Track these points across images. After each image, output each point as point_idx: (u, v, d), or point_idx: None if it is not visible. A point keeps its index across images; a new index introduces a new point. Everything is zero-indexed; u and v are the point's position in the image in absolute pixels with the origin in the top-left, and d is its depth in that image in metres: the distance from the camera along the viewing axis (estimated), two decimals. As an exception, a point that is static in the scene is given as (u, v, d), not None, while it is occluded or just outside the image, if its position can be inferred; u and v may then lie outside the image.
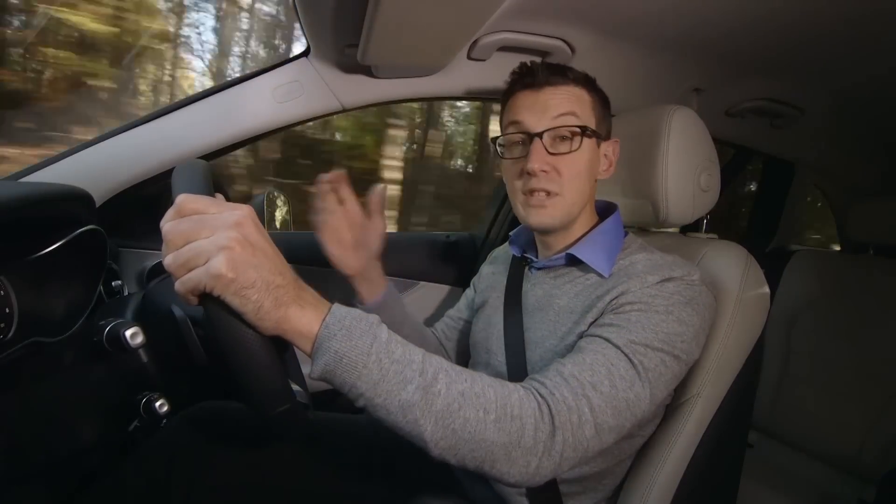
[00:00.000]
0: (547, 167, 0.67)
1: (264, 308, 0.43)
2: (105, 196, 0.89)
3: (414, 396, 0.46)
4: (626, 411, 0.55)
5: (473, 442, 0.48)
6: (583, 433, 0.52)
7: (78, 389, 0.59)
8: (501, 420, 0.49)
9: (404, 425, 0.47)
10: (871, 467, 1.23)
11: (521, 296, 0.77)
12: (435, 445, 0.47)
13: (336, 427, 0.84)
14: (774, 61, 0.96)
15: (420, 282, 1.25)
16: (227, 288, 0.41)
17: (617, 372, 0.55)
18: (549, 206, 0.68)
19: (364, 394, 0.46)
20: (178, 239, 0.42)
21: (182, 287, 0.42)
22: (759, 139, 1.34)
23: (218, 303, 0.42)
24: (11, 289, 0.62)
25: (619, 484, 0.72)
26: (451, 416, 0.47)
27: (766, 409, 1.45)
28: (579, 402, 0.53)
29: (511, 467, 0.49)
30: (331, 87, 0.94)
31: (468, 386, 0.49)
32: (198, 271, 0.41)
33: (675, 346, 0.58)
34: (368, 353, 0.46)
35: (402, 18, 0.68)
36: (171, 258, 0.42)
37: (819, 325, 1.42)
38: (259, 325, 0.43)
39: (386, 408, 0.46)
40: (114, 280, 0.86)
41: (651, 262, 0.65)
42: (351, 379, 0.46)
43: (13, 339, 0.60)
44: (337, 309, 0.47)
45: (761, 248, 1.65)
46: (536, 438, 0.50)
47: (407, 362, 0.47)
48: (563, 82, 0.68)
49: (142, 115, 0.89)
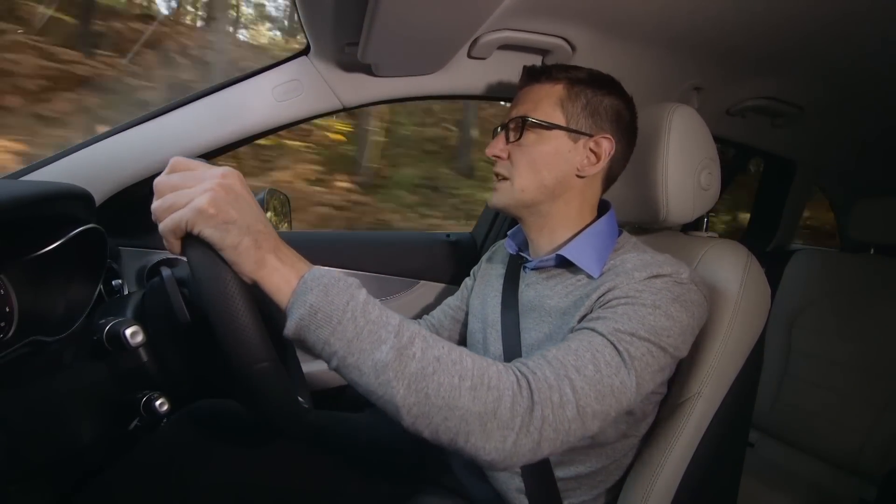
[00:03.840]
0: (502, 154, 0.74)
1: (243, 245, 0.45)
2: (105, 195, 0.89)
3: (388, 356, 0.45)
4: (611, 397, 0.54)
5: (447, 409, 0.46)
6: (564, 413, 0.50)
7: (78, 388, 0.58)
8: (477, 389, 0.47)
9: (377, 388, 0.46)
10: (871, 466, 1.23)
11: (517, 295, 0.77)
12: (407, 412, 0.46)
13: (336, 427, 0.84)
14: (775, 60, 0.95)
15: (420, 281, 1.25)
16: (207, 222, 0.44)
17: (602, 358, 0.55)
18: (499, 189, 0.74)
19: (337, 352, 0.46)
20: (166, 189, 0.46)
21: (165, 228, 0.45)
22: (759, 138, 1.33)
23: (199, 242, 0.45)
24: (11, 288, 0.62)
25: (619, 483, 0.72)
26: (425, 381, 0.46)
27: (767, 409, 1.45)
28: (561, 382, 0.52)
29: (487, 441, 0.47)
30: (331, 85, 0.94)
31: (445, 353, 0.48)
32: (181, 210, 0.44)
33: (661, 338, 0.57)
34: (344, 310, 0.46)
35: (402, 17, 0.67)
36: (157, 203, 0.45)
37: (819, 325, 1.42)
38: (238, 264, 0.45)
39: (359, 368, 0.46)
40: (114, 279, 0.86)
41: (641, 260, 0.65)
42: (324, 335, 0.45)
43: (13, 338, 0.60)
44: (316, 269, 0.48)
45: (761, 248, 1.65)
46: (514, 412, 0.48)
47: (383, 324, 0.47)
48: (539, 82, 0.74)
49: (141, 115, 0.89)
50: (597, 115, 0.71)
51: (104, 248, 0.71)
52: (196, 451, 0.71)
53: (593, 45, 0.89)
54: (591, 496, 0.71)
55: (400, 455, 0.82)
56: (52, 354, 0.61)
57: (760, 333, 0.73)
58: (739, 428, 0.78)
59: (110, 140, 0.87)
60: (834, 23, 0.79)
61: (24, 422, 0.54)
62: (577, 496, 0.70)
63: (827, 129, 1.29)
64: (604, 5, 0.79)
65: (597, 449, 0.69)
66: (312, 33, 0.84)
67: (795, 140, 1.35)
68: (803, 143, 1.37)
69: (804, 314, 1.46)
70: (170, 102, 0.90)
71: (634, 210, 0.82)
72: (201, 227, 0.44)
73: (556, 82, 0.72)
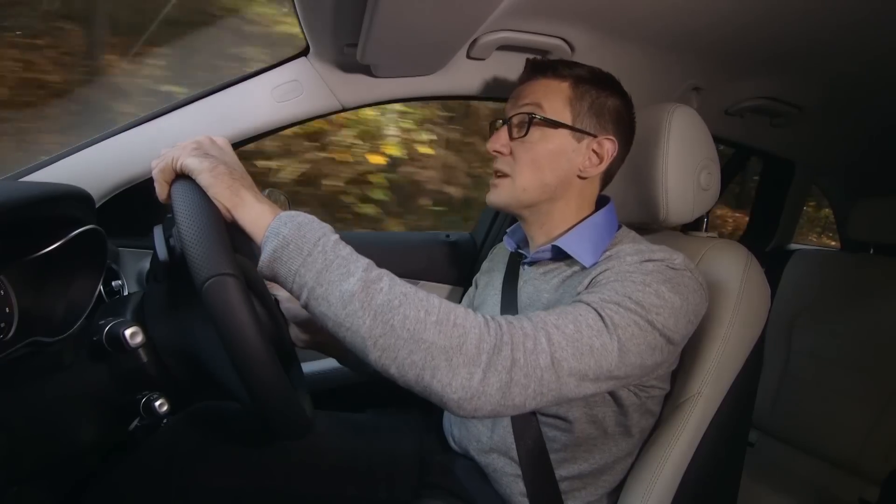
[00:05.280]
0: (503, 149, 0.72)
1: (218, 170, 0.50)
2: (105, 196, 0.89)
3: (355, 287, 0.46)
4: (590, 357, 0.52)
5: (413, 342, 0.46)
6: (537, 360, 0.50)
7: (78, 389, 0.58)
8: (443, 324, 0.47)
9: (343, 318, 0.47)
10: (871, 466, 1.23)
11: (516, 293, 0.77)
12: (374, 344, 0.47)
13: (336, 427, 0.84)
14: (775, 60, 0.96)
15: (420, 281, 1.25)
16: (189, 154, 0.51)
17: (584, 321, 0.54)
18: (499, 185, 0.73)
19: (307, 283, 0.47)
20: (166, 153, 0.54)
21: (156, 169, 0.53)
22: (759, 138, 1.34)
23: (183, 179, 0.51)
24: (11, 289, 0.62)
25: (619, 483, 0.72)
26: (391, 312, 0.47)
27: (767, 409, 1.45)
28: (537, 332, 0.51)
29: (453, 377, 0.47)
30: (330, 86, 0.94)
31: (412, 290, 0.49)
32: (170, 153, 0.52)
33: (649, 313, 0.56)
34: (315, 243, 0.48)
35: (401, 17, 0.67)
36: (154, 160, 0.54)
37: (819, 325, 1.42)
38: (213, 186, 0.50)
39: (326, 299, 0.47)
40: (114, 280, 0.86)
41: (635, 248, 0.64)
42: (295, 266, 0.47)
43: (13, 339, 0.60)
44: (292, 211, 0.51)
45: (761, 248, 1.65)
46: (480, 348, 0.48)
47: (353, 260, 0.49)
48: (544, 76, 0.72)
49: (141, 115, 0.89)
50: (601, 116, 0.71)
51: (104, 249, 0.71)
52: (196, 452, 0.71)
53: (592, 46, 0.89)
54: (593, 497, 0.71)
55: (401, 457, 0.82)
56: (52, 355, 0.60)
57: (760, 333, 0.73)
58: (739, 428, 0.78)
59: (110, 141, 0.87)
60: (833, 23, 0.79)
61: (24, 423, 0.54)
62: (580, 497, 0.70)
63: (826, 130, 1.30)
64: (603, 6, 0.79)
65: (599, 445, 0.69)
66: (312, 34, 0.84)
67: (794, 140, 1.35)
68: (802, 143, 1.37)
69: (804, 314, 1.46)
70: (170, 103, 0.90)
71: (634, 210, 0.82)
72: (183, 159, 0.51)
73: (562, 79, 0.71)
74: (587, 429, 0.68)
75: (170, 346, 0.59)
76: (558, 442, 0.69)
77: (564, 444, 0.69)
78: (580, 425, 0.67)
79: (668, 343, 0.59)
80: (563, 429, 0.68)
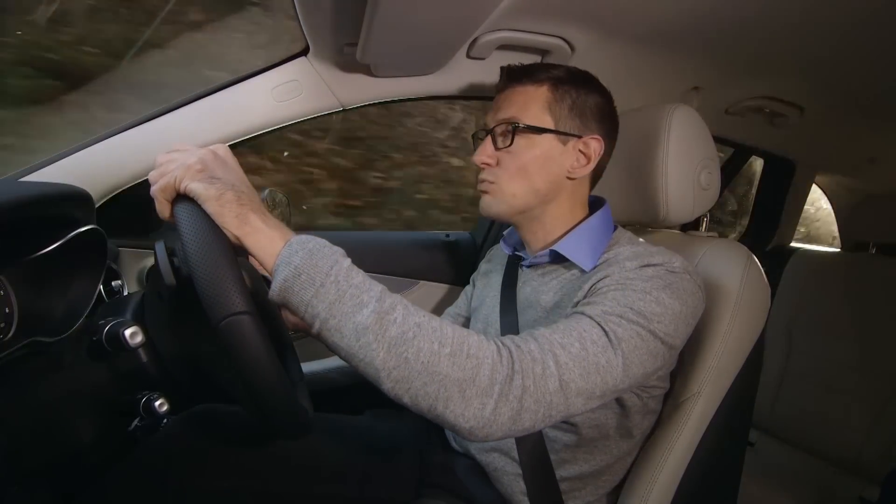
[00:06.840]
0: (490, 160, 0.72)
1: (226, 197, 0.47)
2: (104, 196, 0.89)
3: (368, 320, 0.46)
4: (596, 375, 0.53)
5: (426, 374, 0.46)
6: (546, 385, 0.50)
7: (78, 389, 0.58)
8: (457, 356, 0.47)
9: (357, 350, 0.46)
10: (871, 465, 1.23)
11: (515, 293, 0.77)
12: (388, 376, 0.46)
13: (336, 428, 0.84)
14: (775, 60, 0.95)
15: (420, 281, 1.25)
16: (193, 176, 0.48)
17: (588, 337, 0.54)
18: (490, 195, 0.73)
19: (319, 314, 0.46)
20: (164, 161, 0.51)
21: (156, 188, 0.49)
22: (759, 138, 1.34)
23: (186, 201, 0.48)
24: (11, 289, 0.62)
25: (619, 483, 0.72)
26: (405, 345, 0.46)
27: (767, 408, 1.45)
28: (545, 355, 0.51)
29: (466, 408, 0.47)
30: (330, 85, 0.94)
31: (425, 320, 0.48)
32: (173, 171, 0.48)
33: (651, 323, 0.56)
34: (328, 273, 0.46)
35: (401, 17, 0.67)
36: (153, 173, 0.50)
37: (819, 324, 1.42)
38: (221, 215, 0.47)
39: (340, 330, 0.46)
40: (114, 280, 0.86)
41: (633, 251, 0.65)
42: (307, 296, 0.46)
43: (13, 339, 0.60)
44: (303, 235, 0.49)
45: (761, 247, 1.65)
46: (493, 379, 0.48)
47: (366, 289, 0.47)
48: (521, 84, 0.72)
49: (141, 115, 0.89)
50: (583, 116, 0.71)
51: (104, 248, 0.71)
52: (195, 454, 0.71)
53: (592, 46, 0.89)
54: (594, 496, 0.71)
55: (401, 458, 0.82)
56: (52, 355, 0.60)
57: (760, 333, 0.73)
58: (739, 428, 0.78)
59: (110, 141, 0.87)
60: (833, 22, 0.79)
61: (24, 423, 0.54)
62: (580, 497, 0.70)
63: (826, 130, 1.29)
64: (603, 6, 0.79)
65: (600, 446, 0.69)
66: (311, 34, 0.84)
67: (794, 140, 1.35)
68: (802, 142, 1.37)
69: (804, 314, 1.46)
70: (170, 103, 0.90)
71: (634, 210, 0.82)
72: (188, 182, 0.47)
73: (539, 84, 0.71)
74: (589, 431, 0.68)
75: (172, 353, 0.59)
76: (559, 442, 0.69)
77: (565, 445, 0.69)
78: (582, 428, 0.67)
79: (669, 349, 0.60)
80: (565, 430, 0.69)
